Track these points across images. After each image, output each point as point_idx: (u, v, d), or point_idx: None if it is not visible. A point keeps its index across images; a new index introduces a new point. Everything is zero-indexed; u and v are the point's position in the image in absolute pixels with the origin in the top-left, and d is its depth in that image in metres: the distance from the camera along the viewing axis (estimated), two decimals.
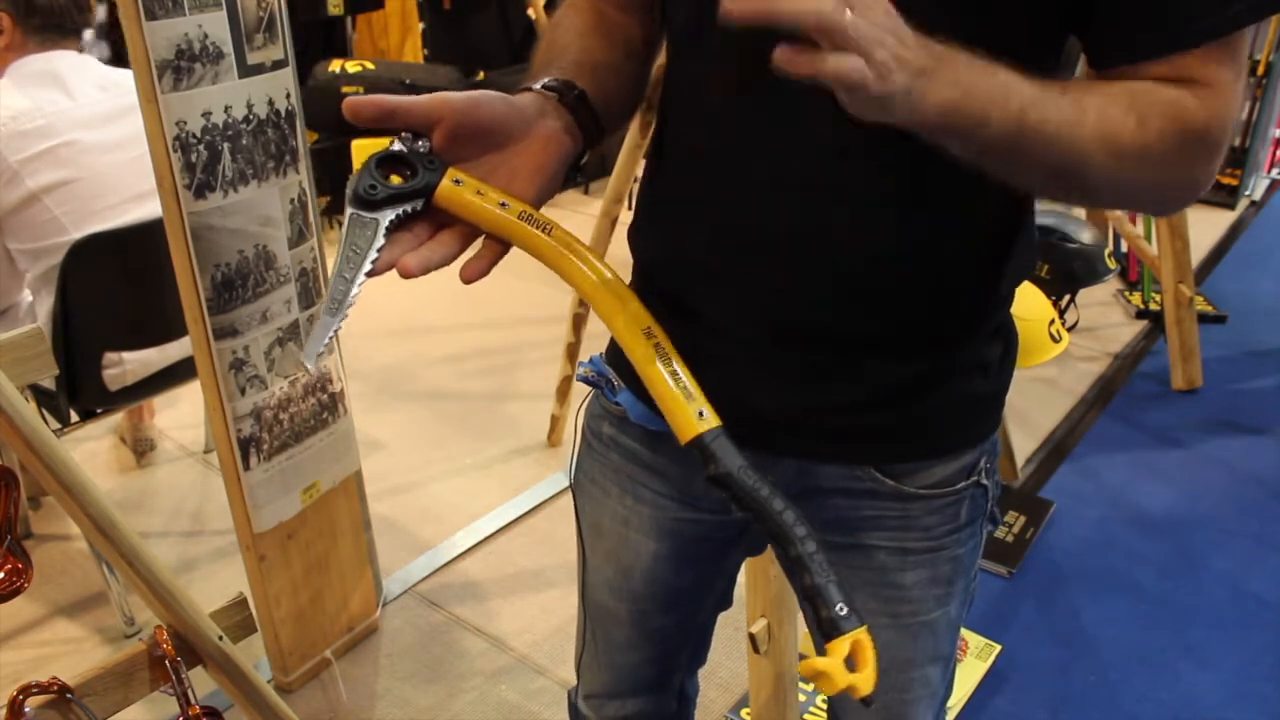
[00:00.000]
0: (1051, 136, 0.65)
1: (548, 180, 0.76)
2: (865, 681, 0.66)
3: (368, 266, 0.69)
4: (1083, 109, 0.66)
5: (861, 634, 0.66)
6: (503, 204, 0.72)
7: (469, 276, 0.71)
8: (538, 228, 0.73)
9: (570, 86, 0.79)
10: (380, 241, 0.69)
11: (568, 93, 0.79)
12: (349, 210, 0.70)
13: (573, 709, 1.20)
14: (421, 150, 0.71)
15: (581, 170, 0.83)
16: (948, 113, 0.63)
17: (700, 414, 0.70)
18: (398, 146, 0.71)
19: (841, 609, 0.67)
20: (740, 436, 0.72)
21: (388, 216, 0.70)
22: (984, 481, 0.90)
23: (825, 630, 0.67)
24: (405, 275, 0.69)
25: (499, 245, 0.73)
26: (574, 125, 0.78)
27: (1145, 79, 0.69)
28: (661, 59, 0.89)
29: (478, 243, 0.74)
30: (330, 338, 0.69)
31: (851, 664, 0.66)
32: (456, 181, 0.71)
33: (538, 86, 0.79)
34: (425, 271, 0.70)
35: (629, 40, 0.88)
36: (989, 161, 0.67)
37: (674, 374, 0.71)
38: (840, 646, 0.66)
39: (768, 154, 0.77)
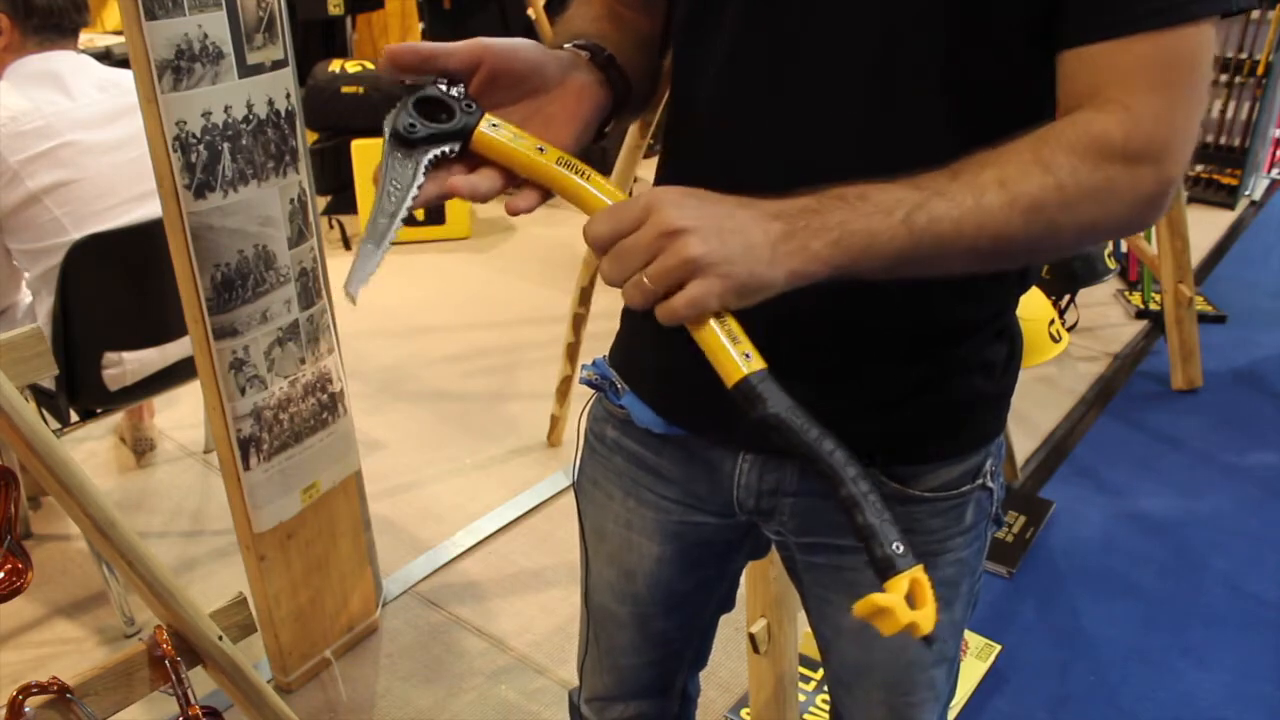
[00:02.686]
0: (950, 230, 0.65)
1: (582, 128, 0.76)
2: (926, 619, 0.64)
3: (409, 202, 0.69)
4: (979, 187, 0.66)
5: (919, 571, 0.65)
6: (540, 149, 0.71)
7: (515, 208, 0.71)
8: (575, 174, 0.72)
9: (600, 48, 0.80)
10: (420, 179, 0.69)
11: (599, 53, 0.80)
12: (387, 149, 0.70)
13: (574, 711, 1.20)
14: (457, 95, 0.71)
15: (605, 135, 0.82)
16: (832, 256, 0.65)
17: (746, 355, 0.69)
18: (434, 89, 0.71)
19: (898, 547, 0.65)
20: (745, 439, 0.72)
21: (427, 155, 0.70)
22: (989, 484, 0.90)
23: (881, 568, 0.65)
24: (453, 194, 0.70)
25: (541, 186, 0.74)
26: (605, 81, 0.78)
27: (1079, 72, 0.68)
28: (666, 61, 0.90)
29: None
30: (374, 269, 0.68)
31: (911, 602, 0.65)
32: (493, 125, 0.71)
33: (568, 46, 0.80)
34: (473, 194, 0.70)
35: (639, 32, 0.88)
36: (901, 273, 0.68)
37: (718, 317, 0.70)
38: (899, 584, 0.64)
39: (771, 150, 0.78)
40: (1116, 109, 0.66)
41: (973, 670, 1.91)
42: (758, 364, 0.69)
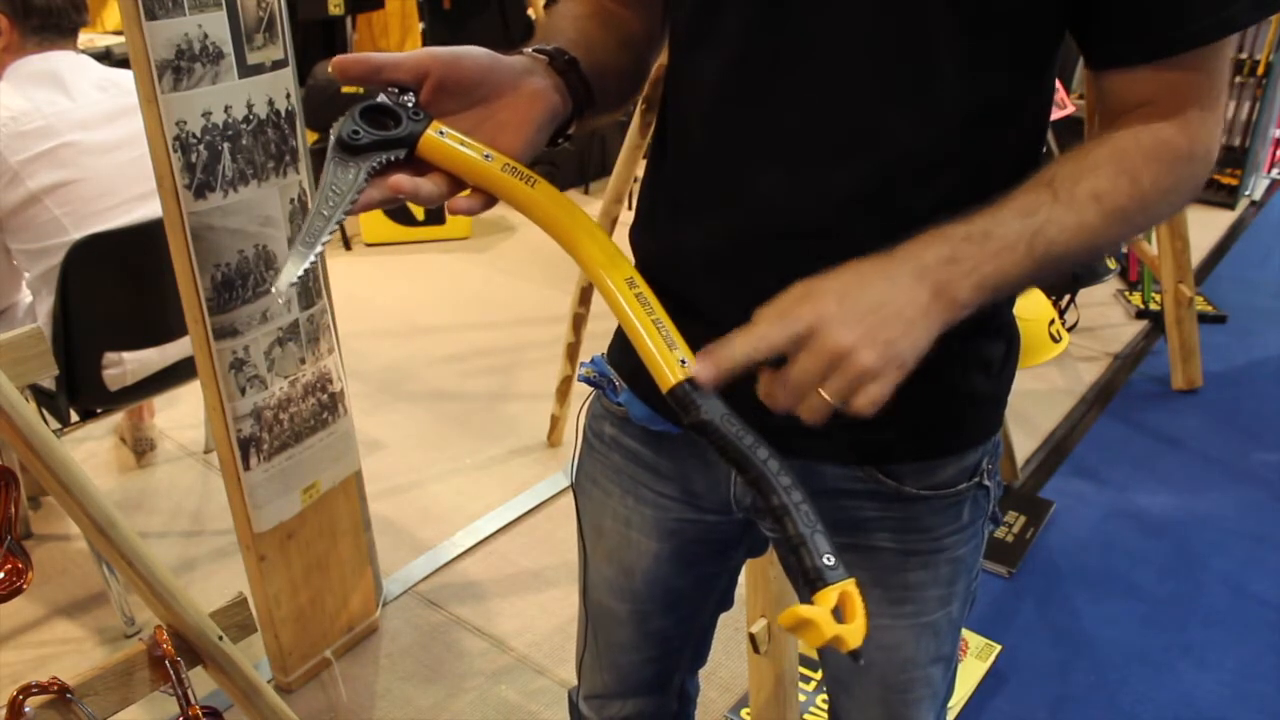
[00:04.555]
0: (1061, 252, 0.70)
1: (533, 134, 0.75)
2: (854, 634, 0.63)
3: (347, 206, 0.69)
4: (1079, 205, 0.70)
5: (849, 585, 0.64)
6: (486, 155, 0.71)
7: (456, 208, 0.72)
8: (521, 179, 0.72)
9: (561, 52, 0.79)
10: (361, 185, 0.70)
11: (558, 57, 0.79)
12: (330, 155, 0.70)
13: (573, 709, 1.20)
14: (407, 104, 0.72)
15: (568, 138, 0.82)
16: (971, 300, 0.68)
17: (682, 362, 0.69)
18: (382, 99, 0.71)
19: (828, 559, 0.64)
20: None
21: (370, 162, 0.70)
22: (986, 482, 0.90)
23: (810, 580, 0.64)
24: (397, 192, 0.70)
25: (488, 193, 0.74)
26: (563, 87, 0.78)
27: (1132, 87, 0.73)
28: (663, 59, 0.89)
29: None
30: (303, 271, 0.68)
31: (839, 616, 0.63)
32: (440, 133, 0.71)
33: (528, 50, 0.80)
34: (415, 194, 0.70)
35: (627, 31, 0.88)
36: (1013, 293, 0.74)
37: (656, 322, 0.70)
38: (827, 597, 0.63)
39: (771, 153, 0.77)
40: (1176, 118, 0.72)
41: (973, 670, 1.91)
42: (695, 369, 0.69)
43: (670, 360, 0.69)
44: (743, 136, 0.78)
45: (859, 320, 0.64)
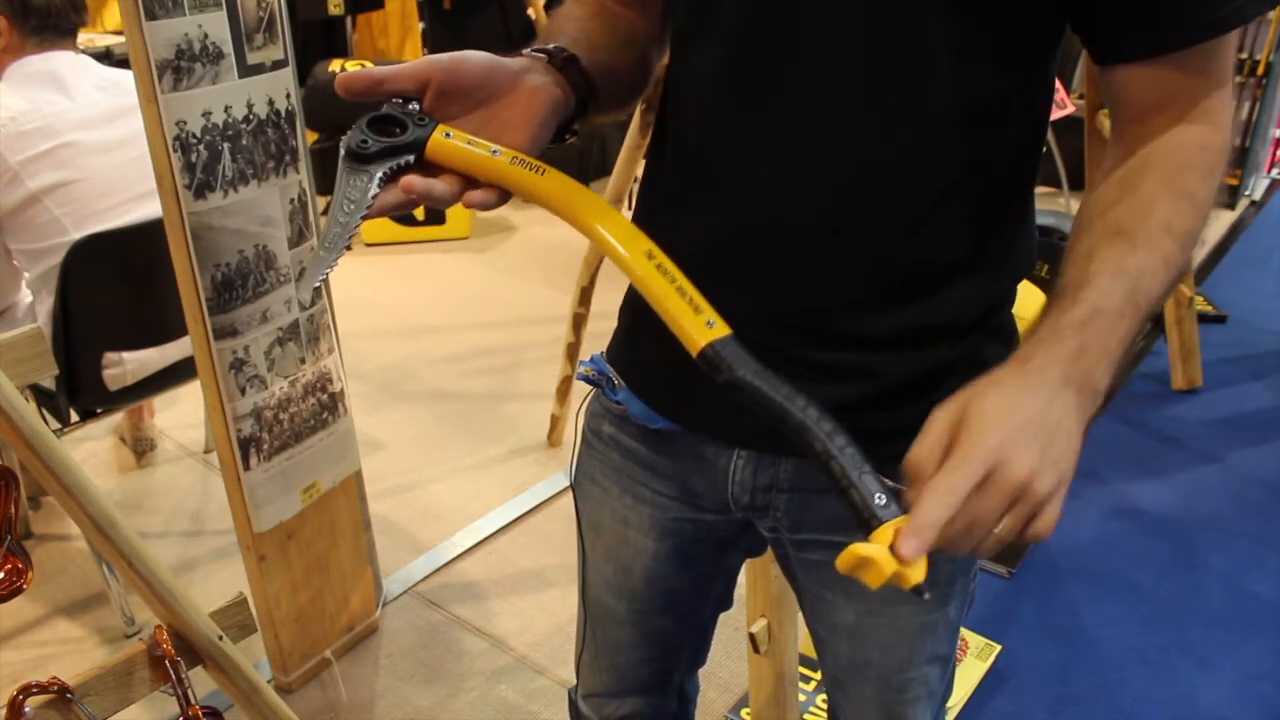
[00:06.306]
0: (1158, 298, 0.71)
1: (537, 128, 0.75)
2: (916, 569, 0.61)
3: (364, 211, 0.70)
4: (1157, 246, 0.70)
5: (905, 522, 0.62)
6: (494, 151, 0.72)
7: (471, 202, 0.72)
8: (531, 170, 0.73)
9: (560, 49, 0.80)
10: (375, 190, 0.70)
11: (557, 54, 0.79)
12: (341, 167, 0.71)
13: (573, 708, 1.20)
14: (412, 111, 0.73)
15: (575, 134, 0.82)
16: (1106, 381, 0.68)
17: (709, 324, 0.69)
18: (387, 109, 0.73)
19: (880, 498, 0.63)
20: (739, 435, 0.72)
21: (381, 169, 0.71)
22: None
23: (864, 520, 0.63)
24: (409, 192, 0.70)
25: (500, 188, 0.74)
26: (563, 82, 0.78)
27: (1151, 84, 0.72)
28: (665, 59, 0.90)
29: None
30: (326, 273, 0.69)
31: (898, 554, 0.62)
32: (447, 135, 0.72)
33: (527, 51, 0.80)
34: (427, 194, 0.70)
35: (630, 31, 0.88)
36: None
37: (679, 289, 0.71)
38: (885, 534, 0.62)
39: (766, 151, 0.78)
40: (1201, 117, 0.73)
41: (973, 670, 1.91)
42: (721, 330, 0.69)
43: (697, 324, 0.69)
44: (737, 134, 0.79)
45: (1029, 446, 0.62)
